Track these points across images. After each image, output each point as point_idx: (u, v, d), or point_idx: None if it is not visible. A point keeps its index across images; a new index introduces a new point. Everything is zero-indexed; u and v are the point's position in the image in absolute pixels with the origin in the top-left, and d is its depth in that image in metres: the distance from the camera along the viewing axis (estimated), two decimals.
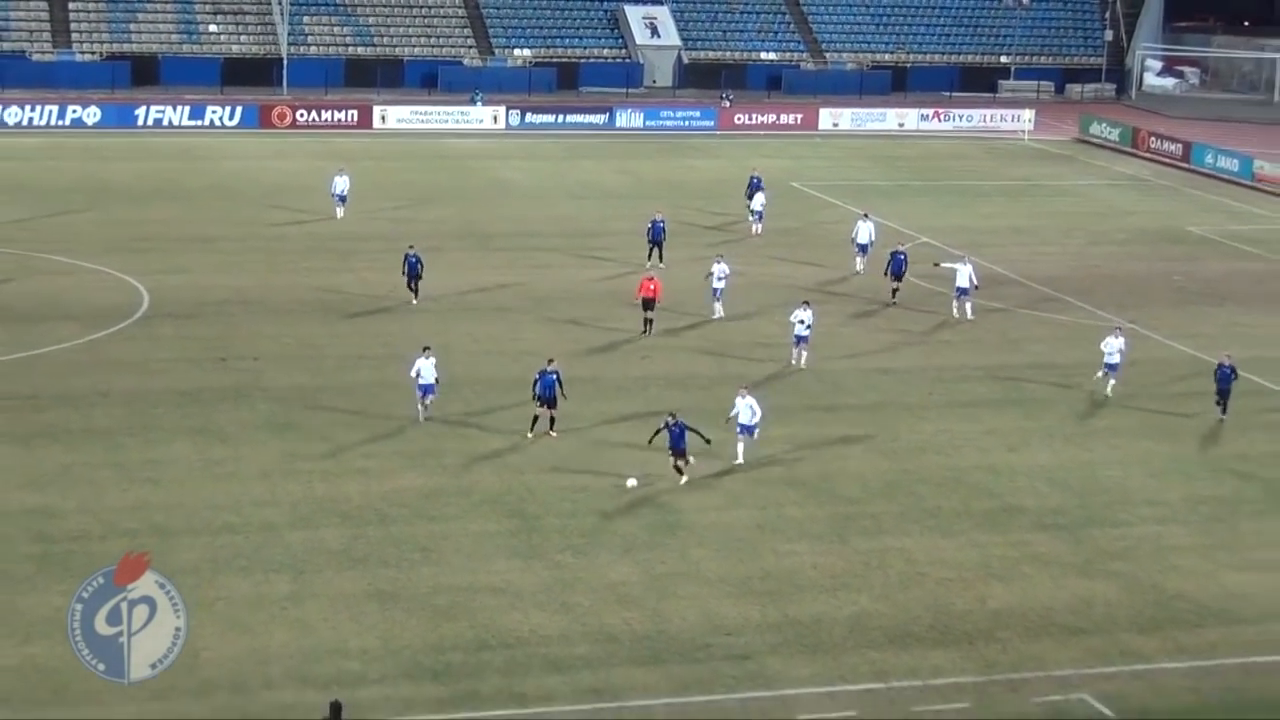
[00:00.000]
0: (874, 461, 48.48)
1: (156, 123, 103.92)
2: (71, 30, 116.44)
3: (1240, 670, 37.29)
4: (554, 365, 49.07)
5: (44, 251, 68.88)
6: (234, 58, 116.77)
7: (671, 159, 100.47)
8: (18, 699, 33.62)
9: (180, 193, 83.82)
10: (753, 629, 37.88)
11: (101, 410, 50.75)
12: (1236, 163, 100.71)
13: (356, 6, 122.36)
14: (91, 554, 39.95)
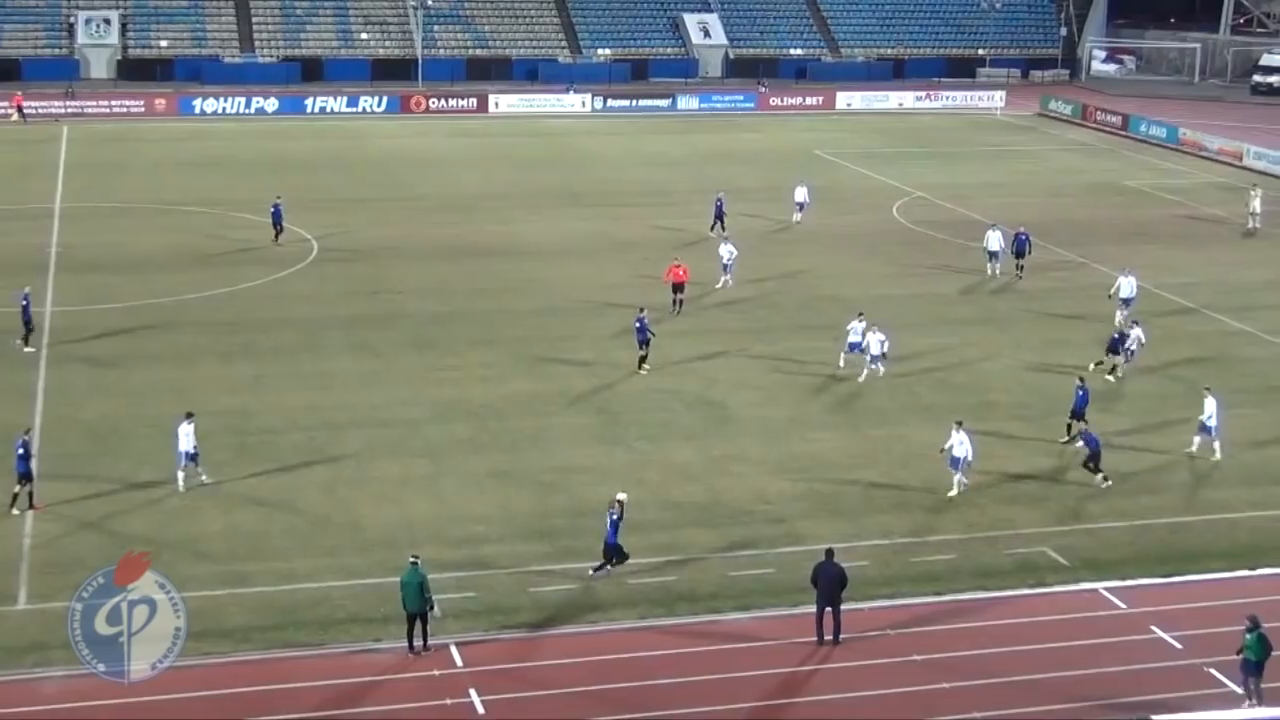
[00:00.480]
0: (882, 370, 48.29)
1: (321, 110, 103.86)
2: (255, 38, 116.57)
3: (1168, 528, 37.09)
4: (645, 312, 48.65)
5: (238, 210, 69.06)
6: (380, 59, 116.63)
7: (721, 133, 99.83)
8: (222, 555, 33.97)
9: (340, 165, 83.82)
10: (787, 499, 37.91)
11: (283, 333, 50.99)
12: (1165, 130, 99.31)
13: (475, 16, 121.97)
14: (278, 444, 40.38)
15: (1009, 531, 36.54)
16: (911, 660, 30.32)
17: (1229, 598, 33.41)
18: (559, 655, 30.16)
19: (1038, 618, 32.45)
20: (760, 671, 29.79)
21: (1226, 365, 49.90)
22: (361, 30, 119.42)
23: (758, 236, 65.97)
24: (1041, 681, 29.63)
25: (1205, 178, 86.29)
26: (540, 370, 47.61)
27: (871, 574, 33.79)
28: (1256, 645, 28.13)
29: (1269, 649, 28.14)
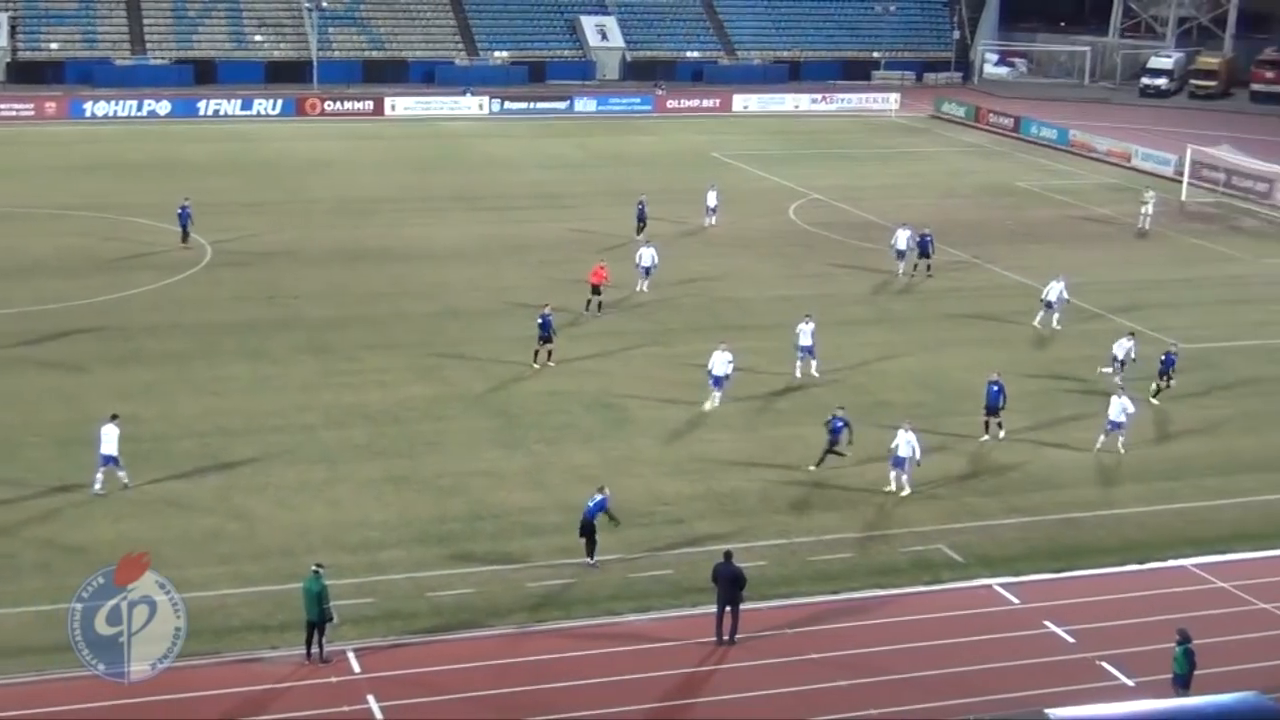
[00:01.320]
0: (776, 369, 48.47)
1: (215, 113, 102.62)
2: (146, 40, 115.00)
3: (1059, 524, 37.63)
4: (549, 308, 48.71)
5: (131, 215, 68.09)
6: (275, 61, 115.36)
7: (618, 135, 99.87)
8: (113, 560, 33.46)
9: (235, 168, 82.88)
10: (685, 500, 38.04)
11: (176, 338, 50.33)
12: (1055, 132, 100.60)
13: (370, 19, 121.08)
14: (171, 452, 39.83)
15: (905, 530, 36.90)
16: (808, 658, 30.52)
17: (1119, 592, 34.03)
18: (457, 660, 30.03)
19: (933, 614, 32.78)
20: (658, 672, 29.85)
21: None
22: (255, 32, 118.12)
23: (660, 239, 66.01)
24: (937, 677, 29.92)
25: (1095, 179, 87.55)
26: (437, 374, 47.40)
27: (769, 573, 33.97)
28: (1183, 659, 28.46)
29: (1194, 663, 28.42)
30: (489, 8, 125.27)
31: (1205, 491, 40.01)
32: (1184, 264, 65.76)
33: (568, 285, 56.28)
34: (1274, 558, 36.19)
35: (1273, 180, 78.70)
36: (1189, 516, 38.40)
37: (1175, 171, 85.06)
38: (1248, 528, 37.77)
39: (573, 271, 59.70)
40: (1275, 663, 30.76)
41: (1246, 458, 42.59)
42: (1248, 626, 32.56)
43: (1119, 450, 42.26)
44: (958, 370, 49.10)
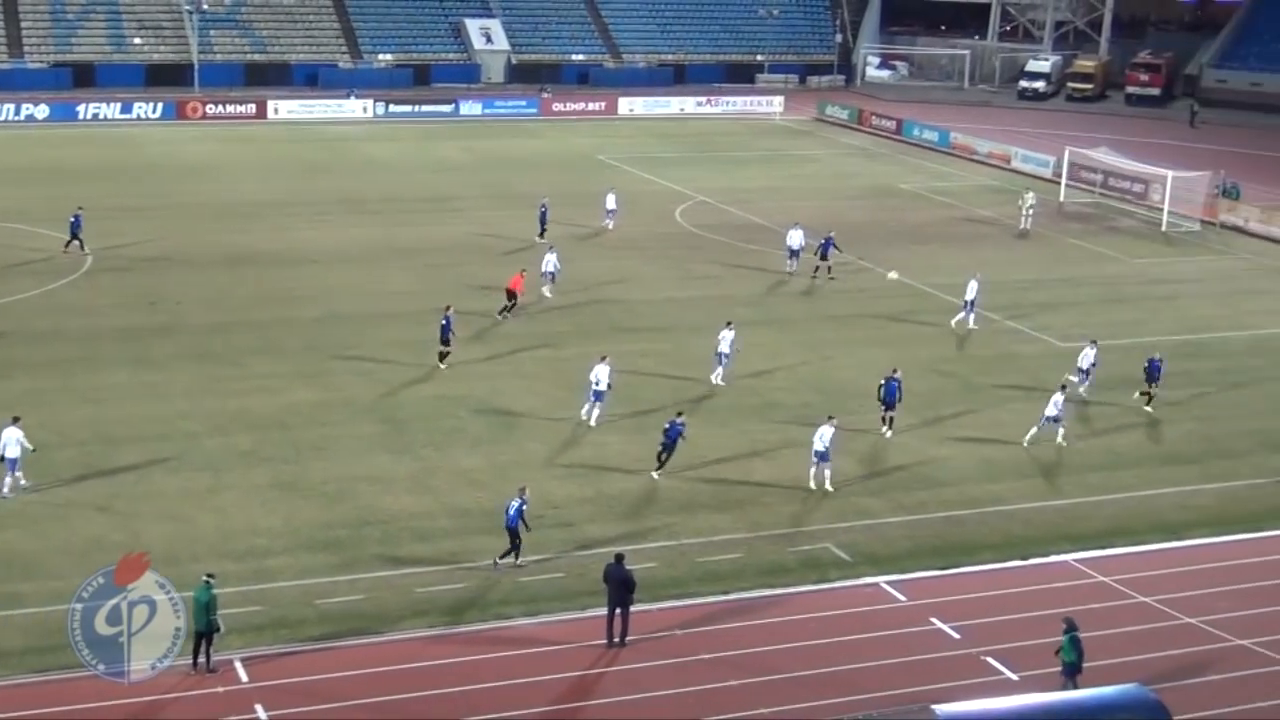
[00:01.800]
0: (665, 371, 48.57)
1: (94, 117, 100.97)
2: (24, 43, 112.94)
3: (944, 521, 38.06)
4: (451, 310, 48.55)
5: (8, 221, 66.80)
6: (155, 64, 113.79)
7: (505, 139, 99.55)
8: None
9: (115, 172, 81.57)
10: (574, 503, 38.01)
11: (56, 346, 49.43)
12: (936, 135, 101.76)
13: (252, 21, 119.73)
14: (52, 460, 39.06)
15: (793, 529, 37.13)
16: (699, 659, 30.60)
17: (1003, 588, 34.50)
18: (347, 667, 29.77)
19: (822, 613, 33.00)
20: (549, 676, 29.79)
21: (998, 362, 51.34)
22: (135, 35, 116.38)
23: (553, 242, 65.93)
24: (826, 675, 30.13)
25: (976, 180, 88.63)
26: (323, 379, 46.98)
27: (659, 575, 34.03)
28: (1070, 647, 28.89)
29: (1082, 650, 28.87)
30: (372, 10, 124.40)
31: (1086, 488, 40.67)
32: (1063, 264, 66.77)
33: (456, 289, 56.00)
34: (1152, 552, 36.87)
35: (1148, 181, 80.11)
36: (1070, 512, 39.00)
37: (1054, 173, 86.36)
38: (1127, 523, 38.44)
39: (461, 275, 59.59)
40: (1156, 655, 31.32)
41: (1125, 454, 43.34)
42: (1128, 620, 33.11)
43: (1059, 443, 43.05)
44: (844, 370, 49.52)
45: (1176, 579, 35.18)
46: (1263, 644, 32.02)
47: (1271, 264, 68.87)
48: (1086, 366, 47.65)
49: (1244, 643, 32.11)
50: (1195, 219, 76.24)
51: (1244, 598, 34.26)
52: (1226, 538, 37.81)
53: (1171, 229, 74.96)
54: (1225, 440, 44.80)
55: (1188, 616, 33.22)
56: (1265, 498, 40.46)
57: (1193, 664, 31.16)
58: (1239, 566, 36.08)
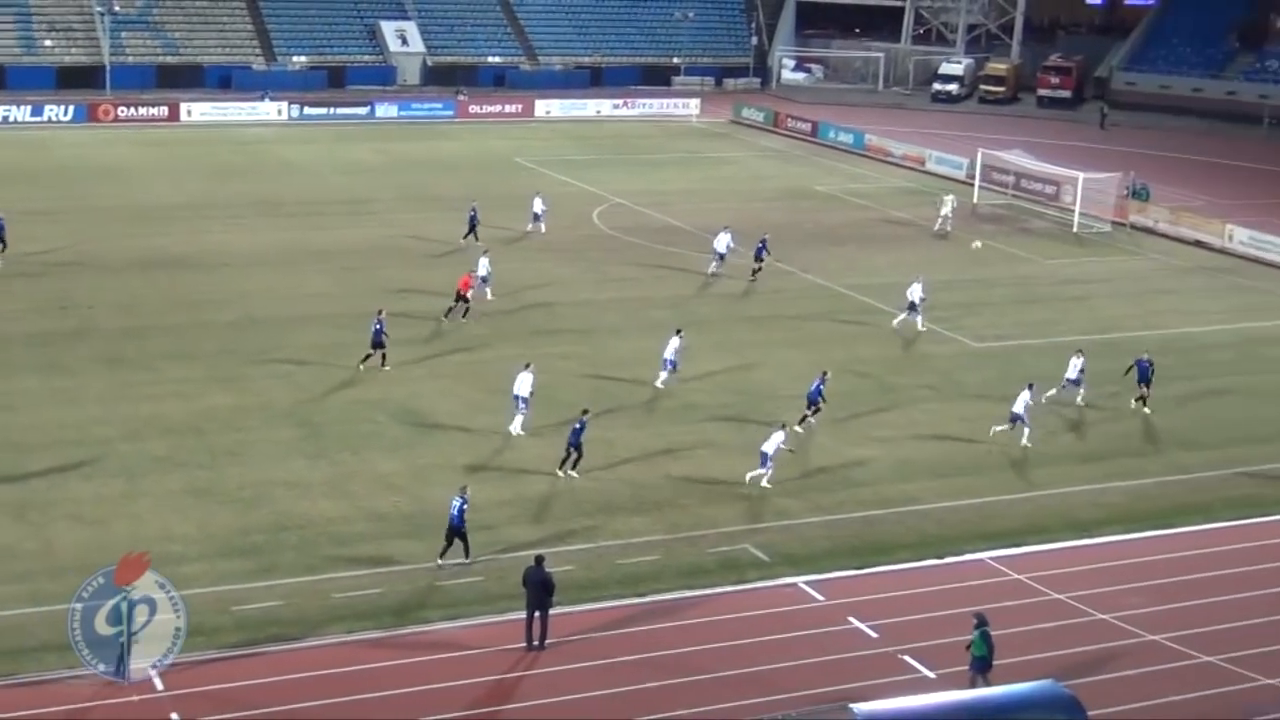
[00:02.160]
0: (583, 373, 48.59)
1: (4, 120, 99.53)
2: None
3: (861, 521, 38.31)
4: (384, 313, 48.50)
5: None
6: (66, 66, 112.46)
7: (421, 141, 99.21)
8: None
9: (25, 175, 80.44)
10: (493, 506, 37.89)
11: None
12: (851, 137, 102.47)
13: (165, 23, 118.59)
14: None
15: (711, 530, 37.25)
16: (619, 661, 30.65)
17: (919, 586, 34.79)
18: (264, 674, 29.55)
19: (740, 614, 33.14)
20: (468, 680, 29.74)
21: (912, 362, 51.79)
22: (46, 37, 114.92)
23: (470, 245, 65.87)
24: (745, 676, 30.26)
25: (891, 182, 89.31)
26: (239, 384, 46.61)
27: (578, 577, 34.04)
28: (981, 642, 29.21)
29: (992, 645, 29.19)
30: (286, 12, 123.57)
31: (1000, 486, 41.10)
32: (976, 265, 67.40)
33: (374, 292, 55.76)
34: (1065, 549, 37.32)
35: (1060, 183, 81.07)
36: (984, 511, 39.39)
37: (967, 175, 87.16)
38: (1040, 521, 38.89)
39: (378, 278, 59.36)
40: (1069, 651, 31.70)
41: (1037, 452, 43.80)
42: (1042, 616, 33.50)
43: (1023, 444, 43.57)
44: (761, 372, 49.76)
45: (1088, 576, 35.62)
46: (1173, 639, 32.49)
47: (1180, 264, 69.90)
48: (1075, 376, 47.64)
49: (1155, 638, 32.57)
50: (1106, 220, 77.21)
51: (1154, 593, 34.76)
52: (1137, 535, 38.36)
53: (1083, 230, 75.89)
54: (1135, 438, 45.44)
55: (1100, 613, 33.66)
56: (1174, 495, 41.07)
57: (1105, 659, 31.57)
58: (1149, 563, 36.61)
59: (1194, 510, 40.01)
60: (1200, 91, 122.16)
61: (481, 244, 63.00)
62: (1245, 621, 33.45)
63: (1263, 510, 40.19)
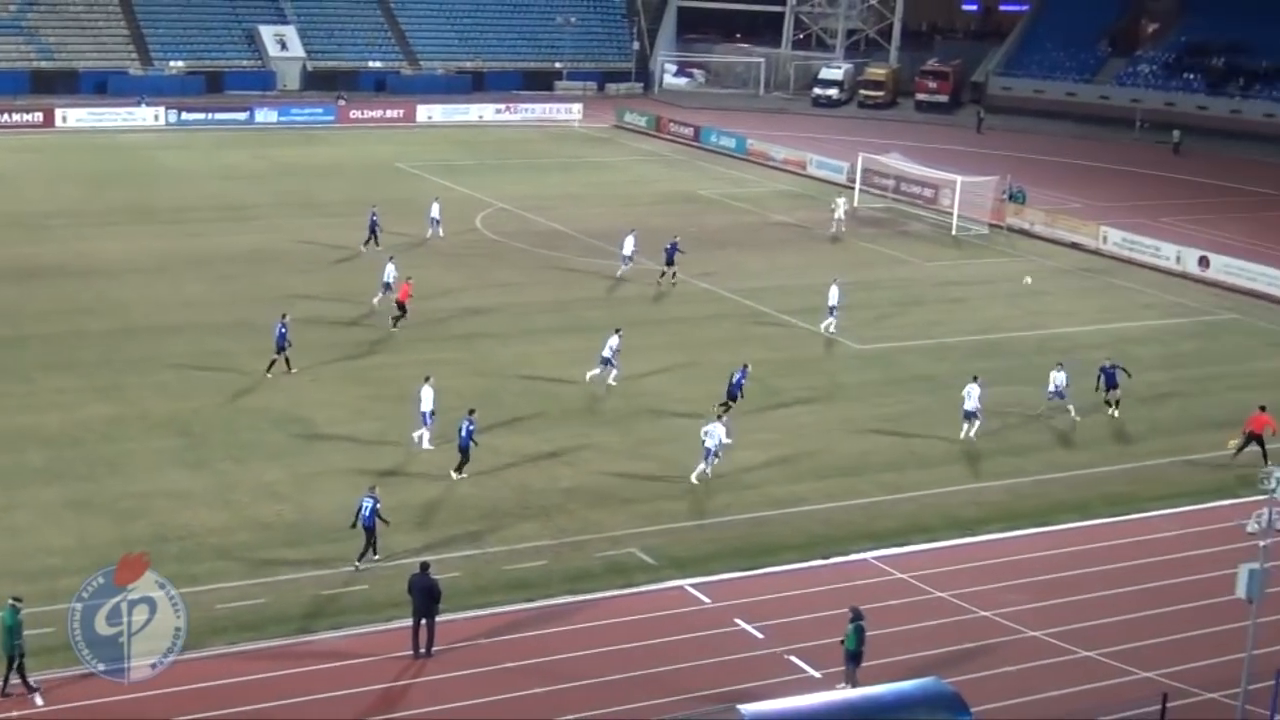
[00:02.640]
0: (468, 379, 48.41)
1: None
2: None
3: (747, 523, 38.50)
4: (288, 318, 48.21)
5: None
6: None
7: (301, 146, 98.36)
8: None
9: None
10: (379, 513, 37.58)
11: None
12: (734, 141, 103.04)
13: (38, 27, 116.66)
14: None
15: (598, 535, 37.25)
16: (506, 667, 30.55)
17: (804, 587, 35.03)
18: (146, 687, 29.00)
19: (628, 617, 33.19)
20: (354, 689, 29.49)
21: (796, 365, 52.12)
22: None
23: (349, 250, 65.32)
24: (633, 679, 30.29)
25: (772, 186, 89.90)
26: (118, 394, 45.90)
27: (464, 584, 33.90)
28: (854, 635, 29.52)
29: (864, 639, 29.54)
30: (163, 17, 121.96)
31: (883, 486, 41.49)
32: (858, 267, 67.98)
33: (253, 299, 55.19)
34: (947, 548, 37.73)
35: (938, 186, 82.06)
36: (869, 511, 39.76)
37: (847, 178, 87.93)
38: (923, 520, 39.30)
39: (258, 285, 58.79)
40: (953, 648, 32.07)
41: (919, 452, 44.31)
42: (925, 615, 33.86)
43: (969, 437, 44.45)
44: (647, 376, 49.82)
45: (970, 573, 36.08)
46: (1053, 634, 32.99)
47: (1056, 265, 71.00)
48: (1060, 388, 47.54)
49: (1035, 634, 33.06)
50: (984, 223, 78.30)
51: (1035, 590, 35.27)
52: (1017, 532, 38.92)
53: (961, 233, 76.87)
54: (1014, 437, 46.06)
55: (981, 610, 34.11)
56: (1051, 493, 41.70)
57: (987, 656, 31.98)
58: (1029, 560, 37.15)
59: (1071, 508, 40.66)
60: (1074, 96, 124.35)
61: (383, 250, 62.43)
62: (1122, 616, 34.07)
63: (1138, 506, 40.93)
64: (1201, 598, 34.66)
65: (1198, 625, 33.54)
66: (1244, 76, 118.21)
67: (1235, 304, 64.58)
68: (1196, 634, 33.16)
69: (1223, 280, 67.83)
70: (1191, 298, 65.55)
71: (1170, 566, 36.97)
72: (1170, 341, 57.99)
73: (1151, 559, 37.47)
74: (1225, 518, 39.12)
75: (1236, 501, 39.87)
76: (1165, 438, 46.48)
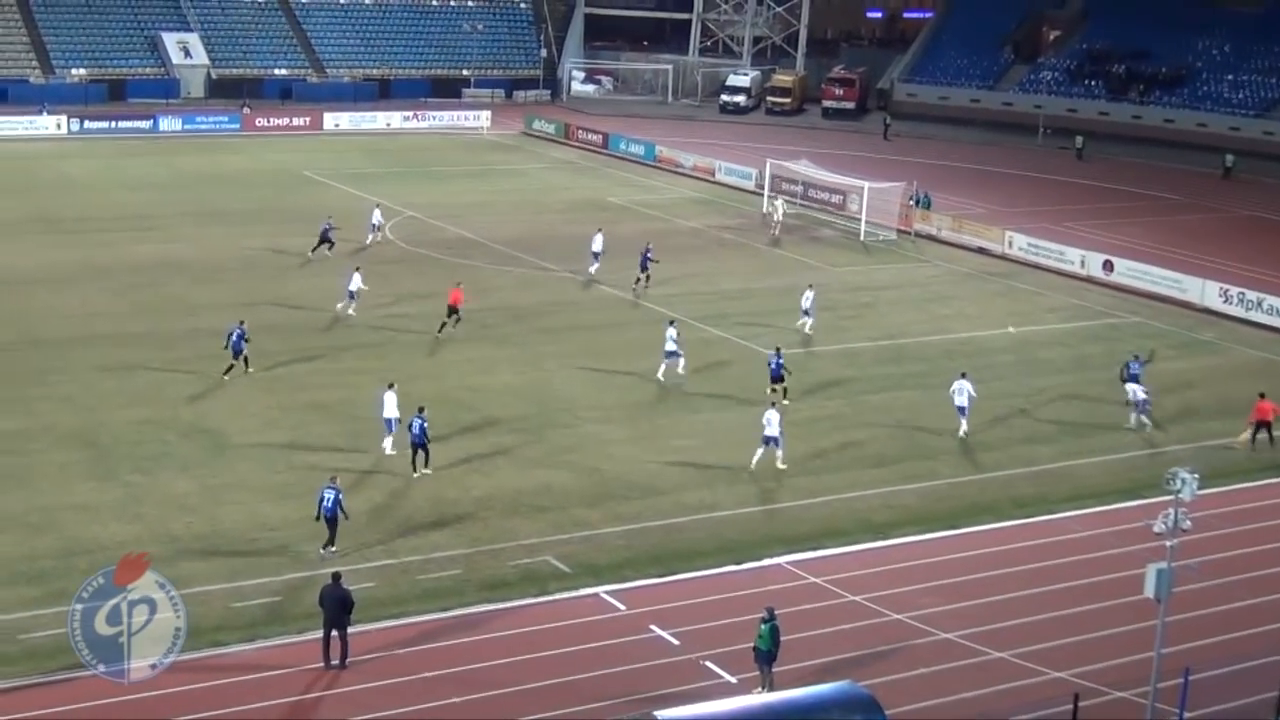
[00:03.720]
0: (377, 389, 47.95)
1: None
2: None
3: (662, 530, 38.49)
4: (243, 325, 48.55)
5: None
6: None
7: (205, 155, 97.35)
8: None
9: None
10: (290, 524, 37.32)
11: None
12: (642, 148, 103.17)
13: None
14: None
15: (512, 543, 37.12)
16: (421, 677, 30.36)
17: (719, 592, 35.06)
18: (57, 703, 28.62)
19: (543, 625, 33.07)
20: (267, 702, 29.18)
21: (709, 371, 52.19)
22: None
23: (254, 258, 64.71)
24: (550, 687, 30.18)
25: (682, 193, 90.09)
26: (21, 406, 45.17)
27: (379, 594, 33.67)
28: (768, 635, 29.65)
29: (779, 639, 29.69)
30: (64, 24, 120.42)
31: (796, 491, 41.61)
32: (769, 273, 68.30)
33: (159, 309, 54.55)
34: (859, 552, 37.90)
35: (846, 192, 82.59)
36: (781, 516, 39.88)
37: (756, 185, 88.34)
38: (835, 524, 39.47)
39: (164, 295, 58.20)
40: (867, 651, 32.23)
41: (831, 457, 44.52)
42: (840, 618, 34.01)
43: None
44: (557, 384, 49.77)
45: (884, 577, 36.28)
46: (966, 636, 33.24)
47: (962, 270, 71.66)
48: (1141, 398, 47.99)
49: (949, 635, 33.29)
50: (891, 228, 78.90)
51: (947, 592, 35.53)
52: (929, 535, 39.18)
53: (869, 238, 77.42)
54: (925, 440, 46.41)
55: (896, 613, 34.30)
56: (963, 495, 42.04)
57: (902, 658, 32.17)
58: (942, 563, 37.41)
59: (983, 510, 41.01)
60: (978, 102, 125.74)
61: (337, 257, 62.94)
62: (1034, 617, 34.38)
63: (1048, 508, 41.34)
64: (1111, 598, 35.05)
65: (1108, 625, 33.92)
66: (1144, 83, 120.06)
67: (1138, 306, 65.48)
68: (1107, 634, 33.55)
69: (1126, 284, 68.76)
70: (1096, 301, 66.40)
71: (1080, 567, 37.37)
72: (1075, 344, 58.67)
73: (1061, 560, 37.85)
74: (1133, 518, 39.49)
75: (1144, 502, 40.31)
76: (1073, 439, 47.01)
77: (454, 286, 55.64)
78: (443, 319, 54.41)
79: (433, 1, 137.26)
